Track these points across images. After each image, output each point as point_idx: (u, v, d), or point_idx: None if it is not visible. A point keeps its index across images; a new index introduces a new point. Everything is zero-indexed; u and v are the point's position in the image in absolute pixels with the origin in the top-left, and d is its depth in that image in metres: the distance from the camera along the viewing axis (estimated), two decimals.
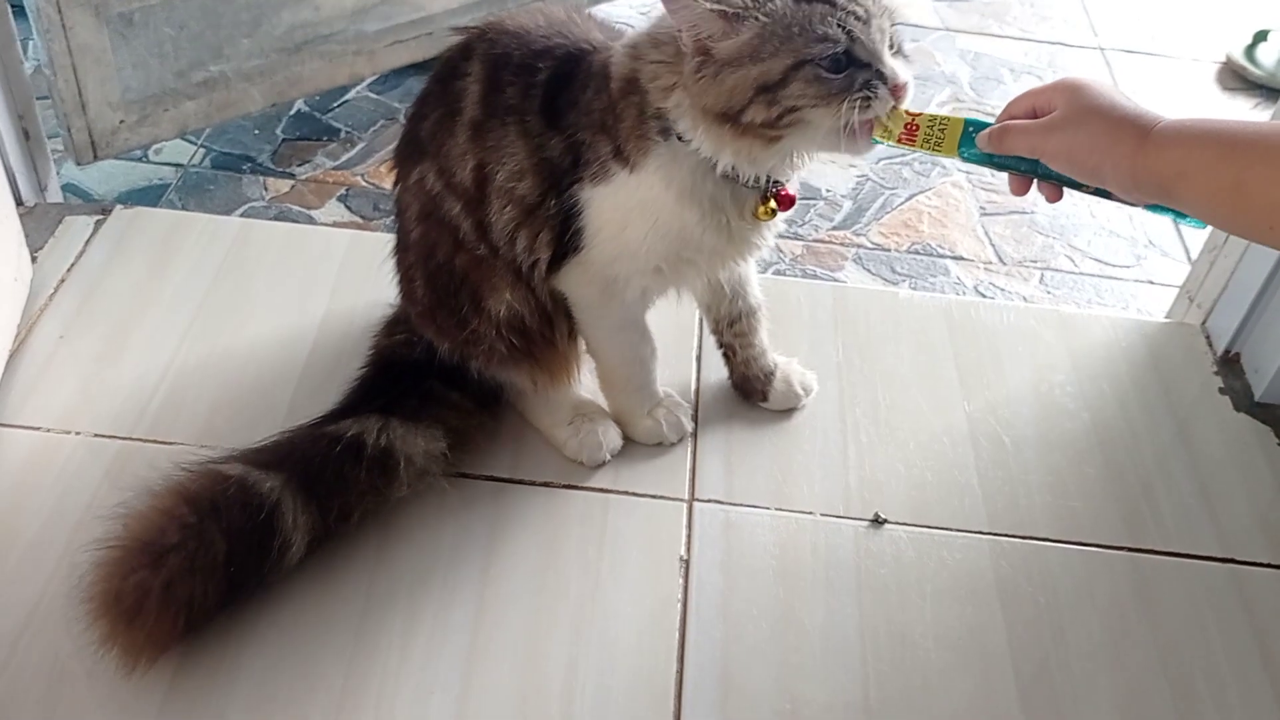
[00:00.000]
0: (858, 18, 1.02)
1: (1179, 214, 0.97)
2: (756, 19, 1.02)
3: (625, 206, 1.17)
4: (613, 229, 1.19)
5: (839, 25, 1.01)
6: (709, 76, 1.04)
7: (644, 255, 1.20)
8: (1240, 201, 0.85)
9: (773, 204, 1.18)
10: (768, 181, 1.16)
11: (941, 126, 1.05)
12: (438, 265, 1.28)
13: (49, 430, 1.34)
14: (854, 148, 1.07)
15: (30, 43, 1.61)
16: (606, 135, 1.15)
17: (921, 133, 1.05)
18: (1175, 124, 0.90)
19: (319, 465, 1.19)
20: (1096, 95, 0.96)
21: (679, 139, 1.11)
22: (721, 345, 1.45)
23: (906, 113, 1.06)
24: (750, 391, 1.45)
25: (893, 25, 1.06)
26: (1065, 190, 1.02)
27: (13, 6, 1.57)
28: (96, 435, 1.34)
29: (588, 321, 1.30)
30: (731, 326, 1.41)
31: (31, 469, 1.30)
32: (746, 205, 1.17)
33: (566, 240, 1.21)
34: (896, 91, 1.03)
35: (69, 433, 1.34)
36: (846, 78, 1.02)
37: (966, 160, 1.05)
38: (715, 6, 1.01)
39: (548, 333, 1.29)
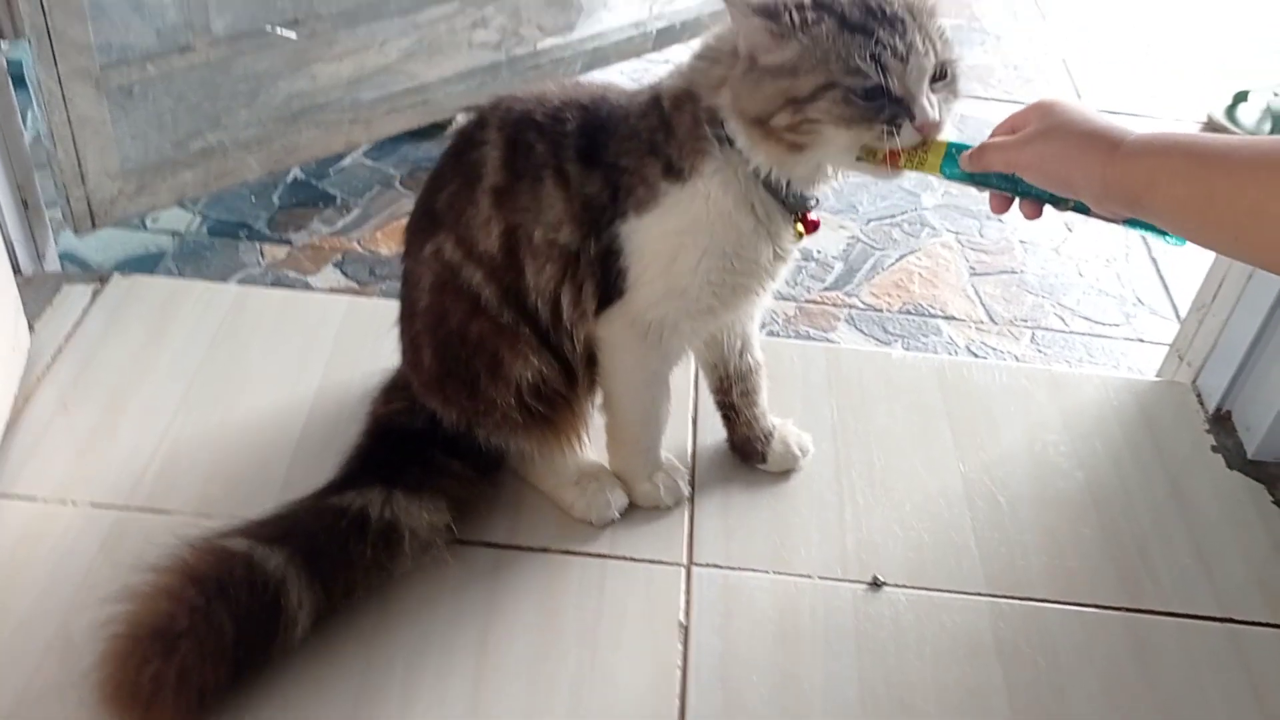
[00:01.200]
0: (895, 54, 1.05)
1: (1157, 231, 1.00)
2: (799, 41, 1.06)
3: (675, 230, 1.18)
4: (661, 262, 1.19)
5: (874, 59, 1.04)
6: (751, 82, 1.09)
7: (695, 288, 1.20)
8: (1209, 211, 0.87)
9: (799, 226, 1.20)
10: (800, 201, 1.18)
11: (925, 148, 1.09)
12: (449, 332, 1.28)
13: (45, 500, 1.34)
14: (879, 172, 1.10)
15: (29, 113, 1.63)
16: (655, 155, 1.17)
17: (905, 154, 1.09)
18: (1145, 136, 0.93)
19: (324, 540, 1.19)
20: (1069, 110, 1.00)
21: (731, 145, 1.14)
22: (723, 406, 1.45)
23: None
24: (750, 453, 1.45)
25: (940, 56, 1.07)
26: (1045, 208, 1.06)
27: (11, 77, 1.59)
28: (93, 505, 1.34)
29: (618, 371, 1.30)
30: (738, 384, 1.42)
31: (26, 540, 1.29)
32: (786, 222, 1.20)
33: (611, 285, 1.22)
34: (924, 129, 1.06)
35: (65, 503, 1.34)
36: (876, 106, 1.05)
37: (949, 178, 1.09)
38: (767, 23, 1.06)
39: (568, 393, 1.30)
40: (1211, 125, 2.51)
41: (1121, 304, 1.97)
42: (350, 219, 2.00)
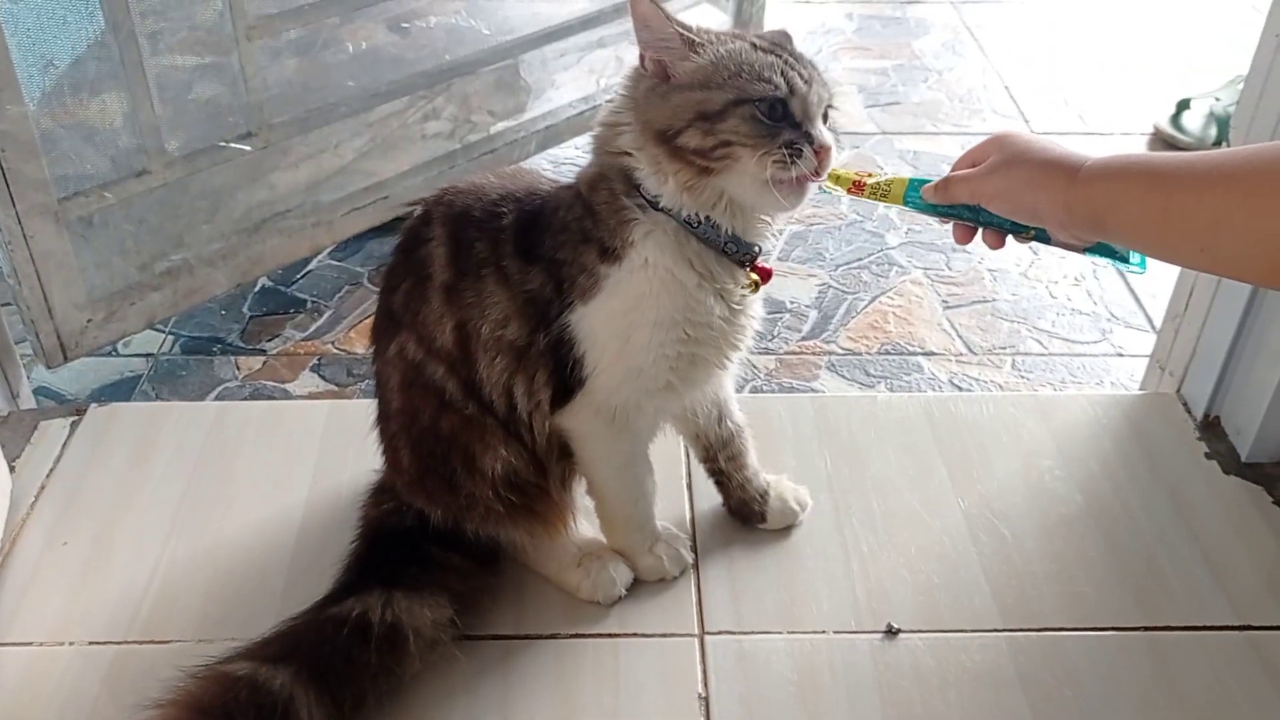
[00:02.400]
0: (802, 78, 1.10)
1: (1118, 258, 1.02)
2: (715, 52, 1.10)
3: (622, 310, 1.17)
4: (616, 344, 1.19)
5: (783, 76, 1.09)
6: (659, 96, 1.11)
7: (652, 365, 1.19)
8: (1172, 226, 0.89)
9: (754, 275, 1.20)
10: (741, 248, 1.18)
11: (889, 183, 1.14)
12: (422, 430, 1.27)
13: (41, 644, 1.31)
14: (781, 203, 1.11)
15: None
16: (588, 242, 1.17)
17: (869, 188, 1.15)
18: (1103, 159, 0.95)
19: (328, 652, 1.17)
20: (1027, 140, 1.03)
21: (654, 206, 1.14)
22: (714, 474, 1.44)
23: (856, 174, 1.16)
24: (748, 515, 1.44)
25: (829, 102, 1.13)
26: (1008, 238, 1.08)
27: None
28: (91, 643, 1.31)
29: (593, 459, 1.29)
30: (722, 450, 1.41)
31: (28, 686, 1.26)
32: (734, 273, 1.20)
33: (570, 375, 1.22)
34: (820, 153, 1.09)
35: (62, 644, 1.31)
36: (778, 129, 1.08)
37: (913, 208, 1.13)
38: (682, 30, 1.10)
39: (543, 483, 1.29)
40: (1158, 135, 2.55)
41: (1096, 321, 1.99)
42: (323, 321, 1.99)
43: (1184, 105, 2.55)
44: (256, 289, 2.07)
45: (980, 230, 1.09)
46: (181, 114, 1.71)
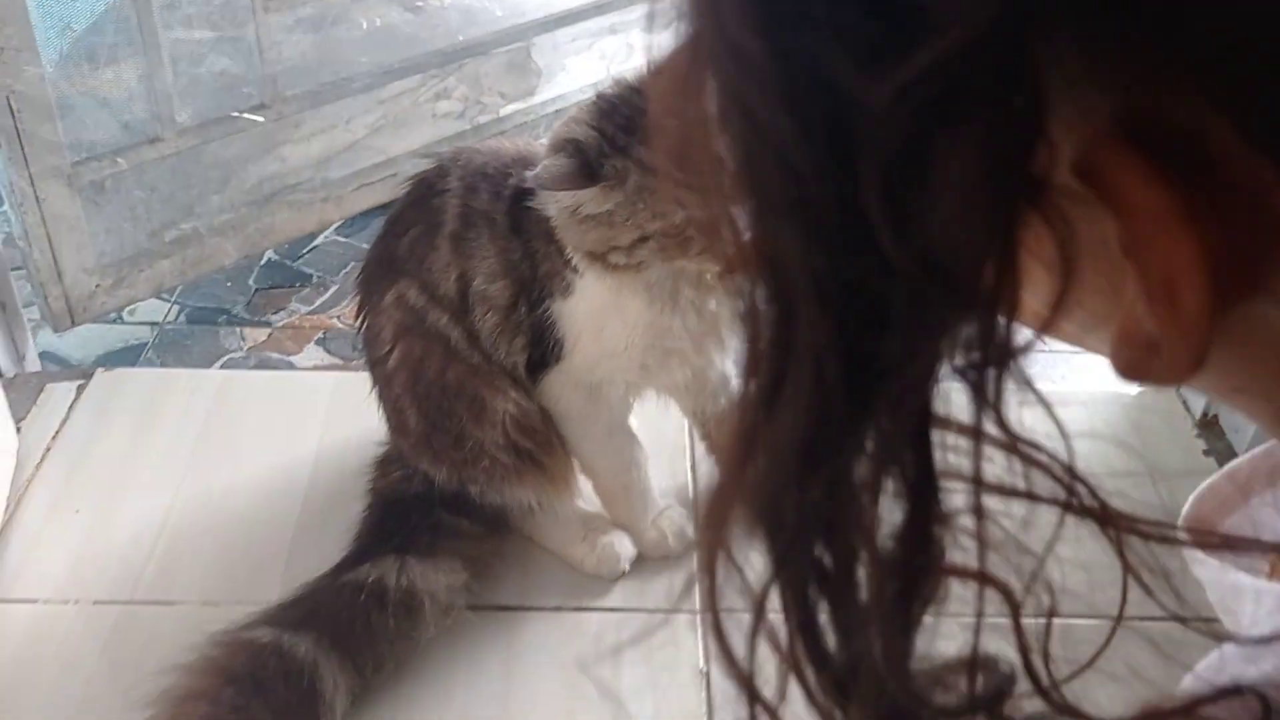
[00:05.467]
0: None
1: None
2: (616, 195, 1.11)
3: (594, 309, 1.21)
4: (591, 332, 1.23)
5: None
6: (576, 225, 1.15)
7: (625, 353, 1.23)
8: None
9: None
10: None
11: None
12: (428, 384, 1.28)
13: (46, 601, 1.32)
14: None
15: None
16: (555, 245, 1.20)
17: None
18: None
19: (347, 618, 1.18)
20: None
21: None
22: (714, 451, 1.46)
23: None
24: None
25: None
26: None
27: None
28: (96, 603, 1.32)
29: (575, 433, 1.32)
30: (721, 428, 1.43)
31: (32, 643, 1.27)
32: (698, 276, 1.21)
33: (549, 350, 1.24)
34: None
35: (67, 602, 1.32)
36: (689, 236, 1.12)
37: None
38: (596, 190, 1.11)
39: (549, 432, 1.30)
40: None
41: None
42: (328, 296, 2.00)
43: None
44: (263, 262, 2.08)
45: None
46: (196, 83, 1.72)
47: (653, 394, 1.36)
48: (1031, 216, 0.30)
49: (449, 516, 1.32)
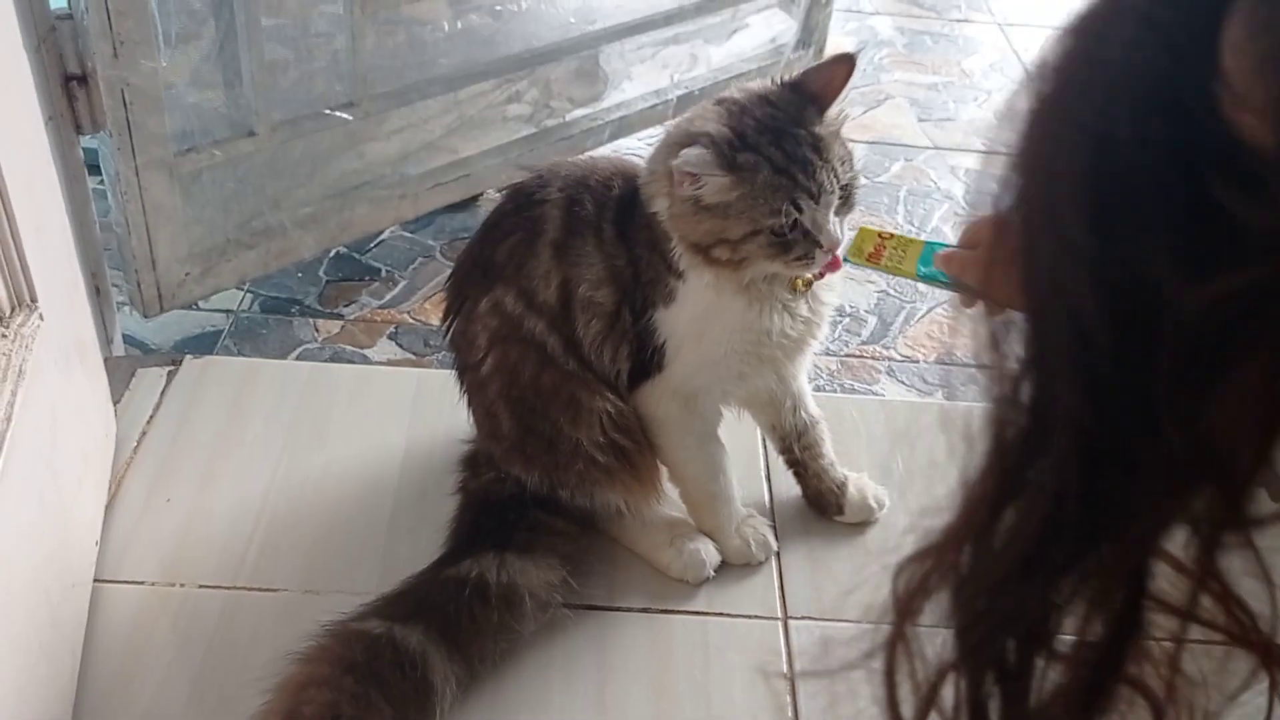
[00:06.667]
0: (810, 195, 1.19)
1: None
2: (743, 187, 1.19)
3: (695, 315, 1.28)
4: (692, 340, 1.29)
5: (792, 203, 1.18)
6: (690, 213, 1.22)
7: (724, 359, 1.30)
8: None
9: (798, 282, 1.29)
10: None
11: (904, 248, 1.22)
12: (522, 389, 1.33)
13: (154, 584, 1.36)
14: (806, 276, 1.28)
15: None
16: (657, 252, 1.27)
17: (887, 254, 1.22)
18: None
19: (453, 611, 1.22)
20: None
21: None
22: (792, 464, 1.51)
23: (879, 234, 1.24)
24: (825, 506, 1.50)
25: (845, 185, 1.22)
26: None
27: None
28: (201, 586, 1.37)
29: (669, 441, 1.37)
30: (798, 440, 1.48)
31: (143, 624, 1.32)
32: (791, 280, 1.29)
33: (650, 359, 1.31)
34: (831, 248, 1.22)
35: (174, 585, 1.37)
36: (791, 242, 1.20)
37: (922, 279, 1.20)
38: (732, 177, 1.18)
39: (642, 438, 1.36)
40: None
41: None
42: (397, 291, 2.04)
43: None
44: (332, 255, 2.11)
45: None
46: (292, 80, 1.75)
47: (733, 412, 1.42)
48: None
49: (544, 515, 1.37)
